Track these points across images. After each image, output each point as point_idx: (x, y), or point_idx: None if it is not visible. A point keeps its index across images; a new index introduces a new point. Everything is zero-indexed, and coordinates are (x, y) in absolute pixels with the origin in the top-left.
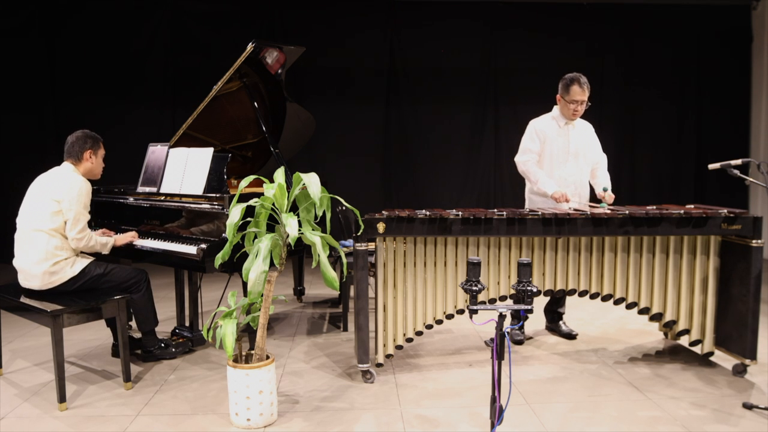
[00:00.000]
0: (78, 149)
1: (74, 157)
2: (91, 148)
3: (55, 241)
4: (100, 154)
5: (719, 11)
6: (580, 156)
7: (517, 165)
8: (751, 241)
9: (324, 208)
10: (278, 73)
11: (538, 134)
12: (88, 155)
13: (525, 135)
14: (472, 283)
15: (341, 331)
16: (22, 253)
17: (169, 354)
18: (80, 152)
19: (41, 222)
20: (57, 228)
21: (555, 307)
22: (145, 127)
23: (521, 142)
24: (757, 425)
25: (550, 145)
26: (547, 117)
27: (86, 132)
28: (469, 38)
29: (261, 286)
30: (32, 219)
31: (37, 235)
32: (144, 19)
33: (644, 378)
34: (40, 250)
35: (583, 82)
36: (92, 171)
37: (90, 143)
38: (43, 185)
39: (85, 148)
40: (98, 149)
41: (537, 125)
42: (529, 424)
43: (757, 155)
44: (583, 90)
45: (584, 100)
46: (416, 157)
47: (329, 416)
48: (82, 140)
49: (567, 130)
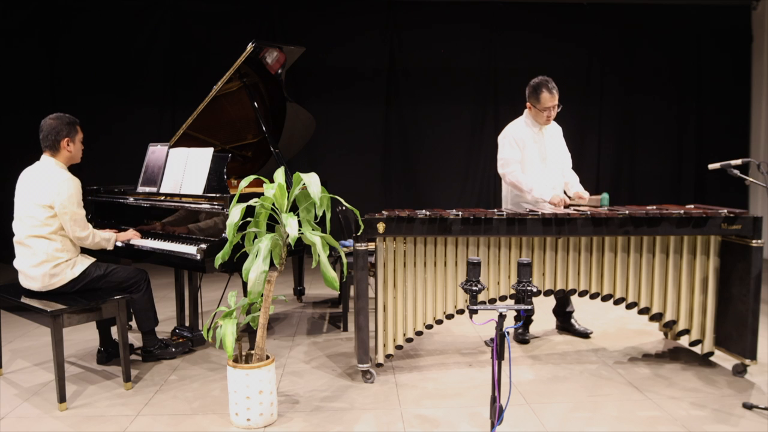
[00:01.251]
0: (53, 139)
1: (51, 148)
2: (67, 136)
3: (56, 244)
4: (78, 138)
5: (719, 11)
6: (552, 160)
7: (504, 177)
8: (751, 241)
9: (324, 208)
10: (278, 73)
11: (517, 142)
12: (65, 143)
13: (503, 145)
14: (472, 283)
15: (341, 331)
16: (23, 257)
17: (169, 354)
18: (56, 142)
19: (38, 228)
20: (55, 231)
21: (563, 308)
22: (145, 127)
23: (500, 153)
24: (757, 425)
25: (526, 152)
26: (521, 122)
27: (60, 117)
28: (469, 39)
29: (261, 286)
30: (28, 226)
31: (35, 241)
32: (144, 19)
33: (644, 378)
34: (41, 253)
35: (551, 87)
36: (72, 158)
37: (66, 131)
38: (30, 187)
39: (61, 137)
40: (75, 134)
41: (514, 133)
42: (529, 424)
43: (757, 155)
44: (552, 95)
45: (555, 105)
46: (416, 157)
47: (329, 416)
48: (56, 129)
49: (541, 134)
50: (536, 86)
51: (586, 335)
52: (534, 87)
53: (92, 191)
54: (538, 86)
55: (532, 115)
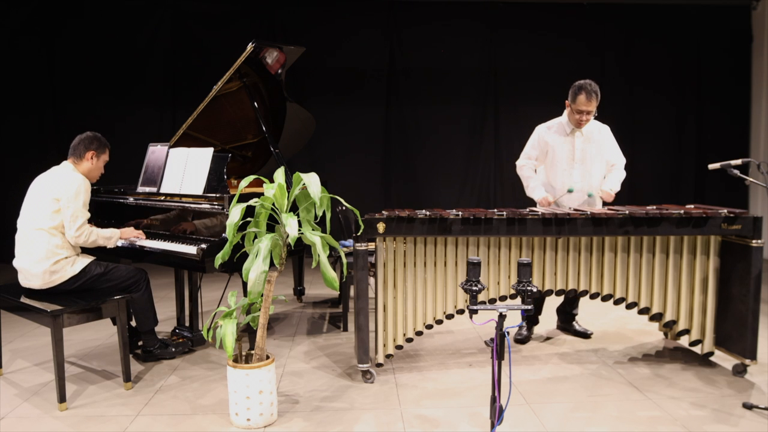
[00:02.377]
0: (83, 148)
1: (76, 156)
2: (95, 150)
3: (56, 240)
4: (103, 158)
5: (719, 11)
6: (588, 162)
7: (516, 168)
8: (751, 241)
9: (324, 208)
10: (278, 73)
11: (540, 142)
12: (90, 155)
13: (529, 140)
14: (472, 283)
15: (341, 331)
16: (23, 253)
17: (169, 354)
18: (84, 151)
19: (42, 221)
20: (57, 226)
21: (568, 309)
22: (145, 127)
23: (525, 146)
24: (757, 425)
25: (553, 152)
26: (555, 122)
27: (96, 135)
28: (469, 38)
29: (261, 286)
30: (33, 218)
31: (37, 234)
32: (144, 20)
33: (644, 378)
34: (41, 248)
35: (590, 91)
36: (90, 173)
37: (95, 145)
38: (43, 185)
39: (90, 149)
40: (102, 153)
41: (541, 133)
42: (529, 424)
43: (757, 155)
44: (589, 101)
45: (590, 111)
46: (416, 157)
47: (329, 416)
48: (88, 140)
49: (573, 136)
50: (578, 87)
51: (586, 335)
52: (577, 87)
53: (92, 191)
54: (580, 87)
55: (568, 114)
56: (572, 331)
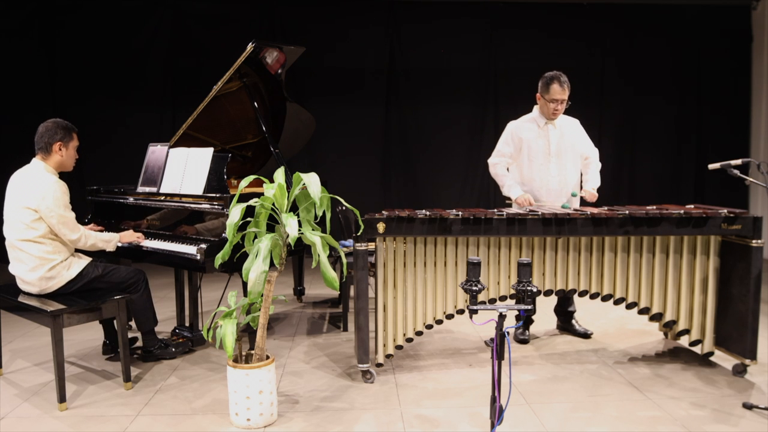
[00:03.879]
0: (47, 141)
1: (43, 151)
2: (61, 140)
3: (46, 247)
4: (72, 145)
5: (719, 11)
6: (563, 155)
7: (489, 167)
8: (751, 241)
9: (324, 208)
10: (278, 73)
11: (513, 138)
12: (57, 147)
13: (501, 137)
14: (472, 283)
15: (341, 331)
16: (16, 262)
17: (169, 354)
18: (49, 144)
19: (25, 232)
20: (44, 234)
21: (565, 308)
22: (145, 127)
23: (497, 143)
24: (757, 425)
25: (528, 147)
26: (527, 118)
27: (57, 122)
28: (469, 38)
29: (261, 286)
30: (16, 230)
31: (26, 245)
32: (144, 20)
33: (644, 378)
34: (33, 258)
35: (563, 81)
36: (63, 164)
37: (60, 134)
38: (17, 190)
39: (55, 140)
40: (69, 141)
41: (514, 128)
42: (529, 424)
43: (757, 155)
44: (563, 89)
45: (564, 99)
46: (416, 157)
47: (329, 416)
48: (52, 131)
49: (547, 130)
50: (549, 78)
51: (587, 335)
52: (547, 78)
53: (92, 191)
54: (551, 78)
55: (540, 107)
56: (572, 331)
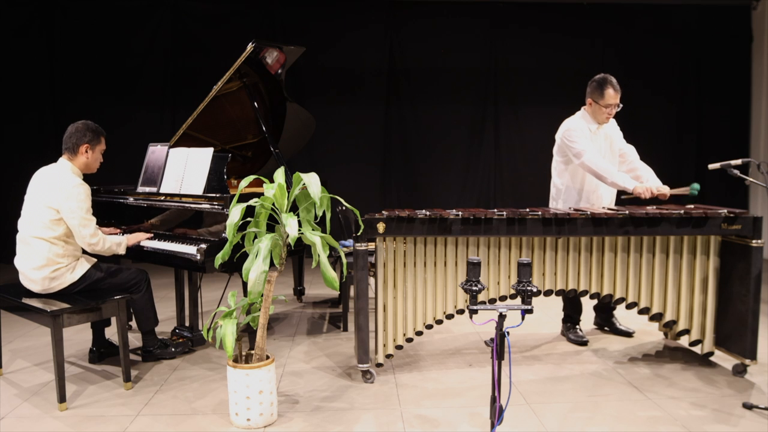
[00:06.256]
0: (75, 142)
1: (70, 151)
2: (88, 143)
3: (57, 249)
4: (99, 149)
5: (719, 11)
6: (607, 158)
7: (585, 166)
8: (751, 241)
9: (324, 208)
10: (278, 73)
11: (585, 133)
12: (84, 149)
13: (575, 136)
14: (472, 283)
15: (341, 331)
16: (24, 257)
17: (169, 354)
18: (76, 145)
19: (41, 230)
20: (58, 236)
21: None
22: (145, 127)
23: (573, 144)
24: (757, 425)
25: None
26: (578, 119)
27: (87, 124)
28: (469, 38)
29: (261, 286)
30: (32, 226)
31: (38, 242)
32: (144, 19)
33: (644, 378)
34: (41, 256)
35: (615, 84)
36: (89, 166)
37: (89, 137)
38: (40, 187)
39: (83, 142)
40: (97, 144)
41: (579, 126)
42: (529, 424)
43: (757, 155)
44: (617, 92)
45: (617, 103)
46: (416, 156)
47: (329, 416)
48: (81, 132)
49: (597, 134)
50: (601, 82)
51: (628, 334)
52: (598, 82)
53: (92, 191)
54: (603, 82)
55: (591, 112)
56: (613, 329)
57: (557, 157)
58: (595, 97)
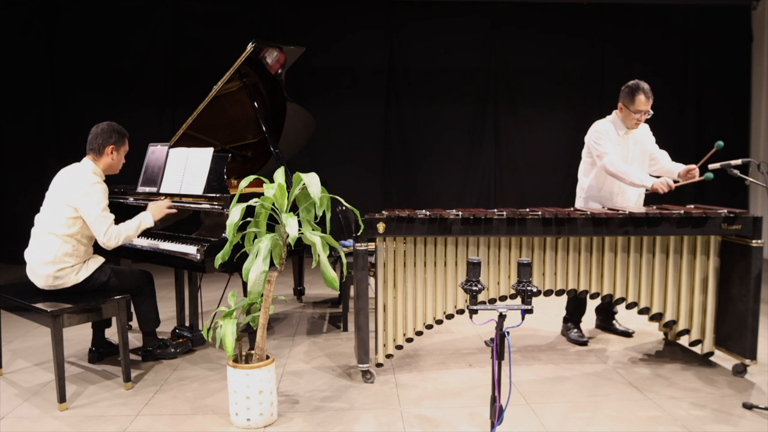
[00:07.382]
0: (100, 143)
1: (95, 151)
2: (114, 144)
3: (67, 248)
4: (123, 150)
5: (719, 11)
6: (636, 164)
7: (608, 168)
8: (751, 241)
9: (324, 208)
10: (278, 73)
11: (610, 137)
12: (109, 150)
13: (600, 138)
14: (472, 283)
15: (341, 331)
16: (34, 250)
17: (169, 354)
18: (102, 146)
19: (56, 227)
20: (72, 234)
21: (609, 306)
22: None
23: (598, 146)
24: (757, 425)
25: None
26: (607, 122)
27: (112, 125)
28: (469, 38)
29: (261, 286)
30: (49, 220)
31: (50, 237)
32: (144, 19)
33: (644, 378)
34: (50, 253)
35: (647, 90)
36: (112, 167)
37: (114, 138)
38: (62, 184)
39: (109, 143)
40: (121, 145)
41: (606, 129)
42: (529, 424)
43: (757, 155)
44: (648, 99)
45: (648, 110)
46: (416, 156)
47: (329, 416)
48: (106, 134)
49: (626, 139)
50: (633, 88)
51: (628, 334)
52: (631, 88)
53: None
54: (635, 88)
55: (621, 117)
56: (613, 330)
57: (585, 158)
58: (626, 102)
